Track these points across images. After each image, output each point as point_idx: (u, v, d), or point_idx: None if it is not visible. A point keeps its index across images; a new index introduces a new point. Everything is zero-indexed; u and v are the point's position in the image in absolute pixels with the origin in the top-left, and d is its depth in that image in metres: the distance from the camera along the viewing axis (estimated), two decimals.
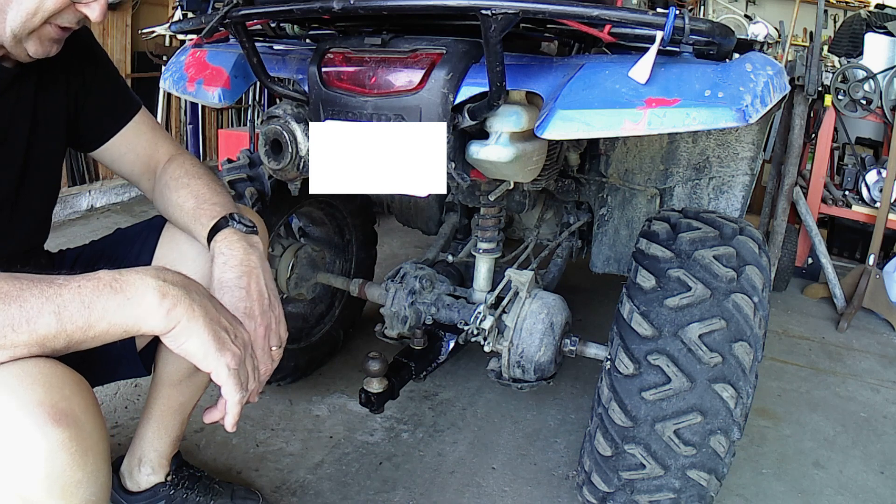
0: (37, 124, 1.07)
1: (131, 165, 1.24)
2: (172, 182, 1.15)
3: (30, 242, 1.15)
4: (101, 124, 1.19)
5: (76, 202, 3.60)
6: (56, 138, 1.13)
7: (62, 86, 1.11)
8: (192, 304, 0.79)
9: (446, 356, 1.61)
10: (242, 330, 0.87)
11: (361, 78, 1.23)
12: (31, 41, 0.94)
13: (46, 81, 1.07)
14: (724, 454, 1.21)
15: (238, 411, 0.83)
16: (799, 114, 2.80)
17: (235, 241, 1.02)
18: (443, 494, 1.59)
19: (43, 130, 1.08)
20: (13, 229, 1.08)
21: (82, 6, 0.94)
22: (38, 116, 1.07)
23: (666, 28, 1.00)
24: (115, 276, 0.76)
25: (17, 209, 1.07)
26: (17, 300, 0.69)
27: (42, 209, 1.16)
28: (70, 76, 1.12)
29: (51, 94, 1.09)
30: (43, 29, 0.93)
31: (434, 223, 2.18)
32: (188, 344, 0.79)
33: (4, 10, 0.89)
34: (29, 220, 1.12)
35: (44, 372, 0.70)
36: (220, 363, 0.80)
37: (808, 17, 4.81)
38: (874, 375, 2.41)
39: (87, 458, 0.70)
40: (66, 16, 0.94)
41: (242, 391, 0.83)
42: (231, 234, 1.03)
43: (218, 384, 0.82)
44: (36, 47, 0.95)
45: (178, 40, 3.78)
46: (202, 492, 1.41)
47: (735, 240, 1.30)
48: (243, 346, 0.85)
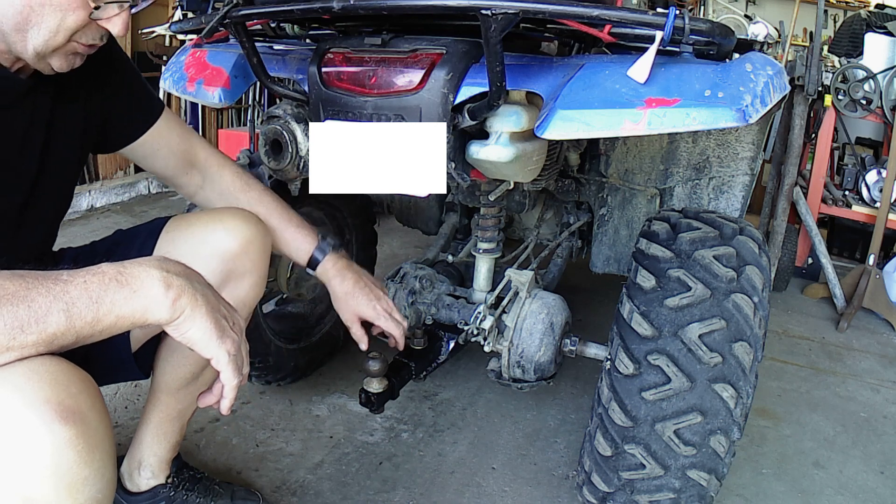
0: (54, 134, 1.06)
1: (165, 160, 1.25)
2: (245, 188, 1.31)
3: (39, 249, 1.15)
4: (128, 126, 1.20)
5: (76, 202, 3.60)
6: (72, 148, 1.12)
7: (81, 94, 1.10)
8: (195, 294, 0.81)
9: (446, 356, 1.61)
10: (238, 317, 0.90)
11: (361, 78, 1.23)
12: (55, 58, 0.93)
13: (64, 91, 1.06)
14: (724, 454, 1.21)
15: (234, 395, 0.87)
16: (799, 114, 2.80)
17: (343, 264, 1.35)
18: (443, 494, 1.59)
19: (60, 140, 1.07)
20: (26, 235, 1.07)
21: (103, 22, 0.93)
22: (56, 126, 1.06)
23: (666, 28, 1.00)
24: (119, 269, 0.77)
25: (29, 218, 1.06)
26: (24, 300, 0.69)
27: (53, 218, 1.16)
28: (90, 84, 1.10)
29: (69, 104, 1.08)
30: (67, 46, 0.93)
31: (434, 223, 2.18)
32: (191, 332, 0.81)
33: (25, 29, 0.89)
34: (40, 228, 1.11)
35: (50, 370, 0.70)
36: (221, 350, 0.83)
37: (808, 17, 4.81)
38: (874, 375, 2.41)
39: (94, 456, 0.71)
40: (88, 33, 0.93)
41: (239, 375, 0.86)
42: (336, 260, 1.34)
43: (217, 370, 0.85)
44: (60, 62, 0.95)
45: (178, 40, 3.78)
46: (202, 493, 1.41)
47: (735, 240, 1.30)
48: (240, 332, 0.88)
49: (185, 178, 1.29)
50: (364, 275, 1.36)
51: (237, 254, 1.19)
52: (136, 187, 4.04)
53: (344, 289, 1.32)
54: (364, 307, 1.33)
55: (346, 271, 1.33)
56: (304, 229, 1.32)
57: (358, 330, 1.36)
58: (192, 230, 1.21)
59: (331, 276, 1.31)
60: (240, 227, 1.20)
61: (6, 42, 0.90)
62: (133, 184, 4.01)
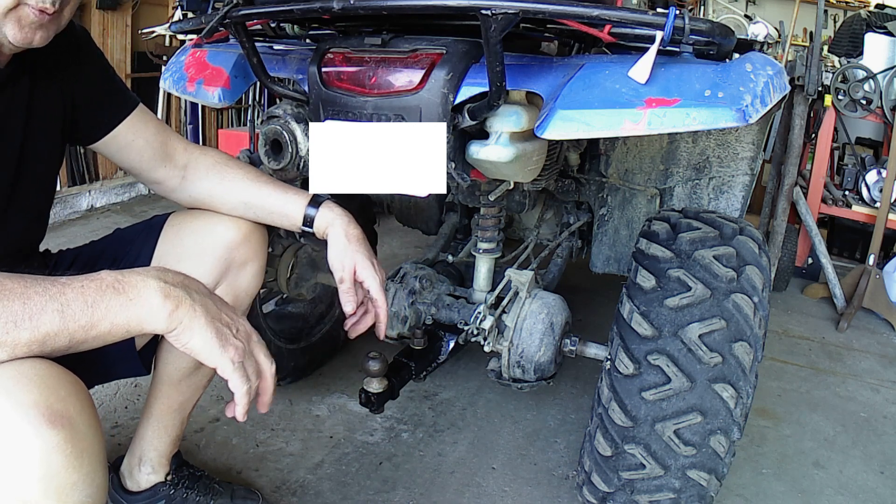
0: (32, 122, 1.06)
1: (140, 153, 1.22)
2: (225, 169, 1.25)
3: (25, 241, 1.15)
4: (100, 118, 1.19)
5: (76, 202, 3.60)
6: (52, 136, 1.12)
7: (56, 84, 1.10)
8: (193, 305, 0.80)
9: (446, 356, 1.61)
10: (243, 322, 0.89)
11: (361, 78, 1.23)
12: (8, 25, 0.91)
13: (41, 80, 1.07)
14: (724, 454, 1.21)
15: (247, 402, 0.85)
16: (799, 114, 2.80)
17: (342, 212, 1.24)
18: (443, 494, 1.59)
19: (39, 127, 1.08)
20: (8, 226, 1.07)
21: None
22: (34, 114, 1.06)
23: (666, 28, 1.00)
24: (118, 276, 0.77)
25: (12, 206, 1.06)
26: (20, 297, 0.69)
27: (37, 207, 1.15)
28: (65, 75, 1.11)
29: (46, 93, 1.08)
30: (20, 10, 0.90)
31: (434, 223, 2.18)
32: (192, 342, 0.81)
33: None
34: (24, 217, 1.11)
35: (39, 373, 0.70)
36: (224, 359, 0.82)
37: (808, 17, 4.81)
38: (874, 375, 2.41)
39: (83, 460, 0.70)
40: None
41: (248, 382, 0.85)
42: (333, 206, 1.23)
43: (224, 378, 0.84)
44: (14, 32, 0.91)
45: (178, 40, 3.78)
46: (202, 491, 1.41)
47: (735, 240, 1.30)
48: (246, 338, 0.87)
49: (162, 171, 1.24)
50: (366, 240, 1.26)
51: (240, 242, 1.23)
52: (136, 187, 4.04)
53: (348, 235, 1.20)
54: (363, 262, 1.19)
55: (350, 223, 1.22)
56: (292, 191, 1.24)
57: (349, 287, 1.21)
58: (196, 224, 1.24)
59: (330, 222, 1.21)
60: (241, 219, 1.25)
61: None
62: (133, 184, 4.01)
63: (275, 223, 1.27)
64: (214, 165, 1.26)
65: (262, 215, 1.25)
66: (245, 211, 1.25)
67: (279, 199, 1.23)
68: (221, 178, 1.25)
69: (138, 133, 1.21)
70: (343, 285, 1.21)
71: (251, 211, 1.24)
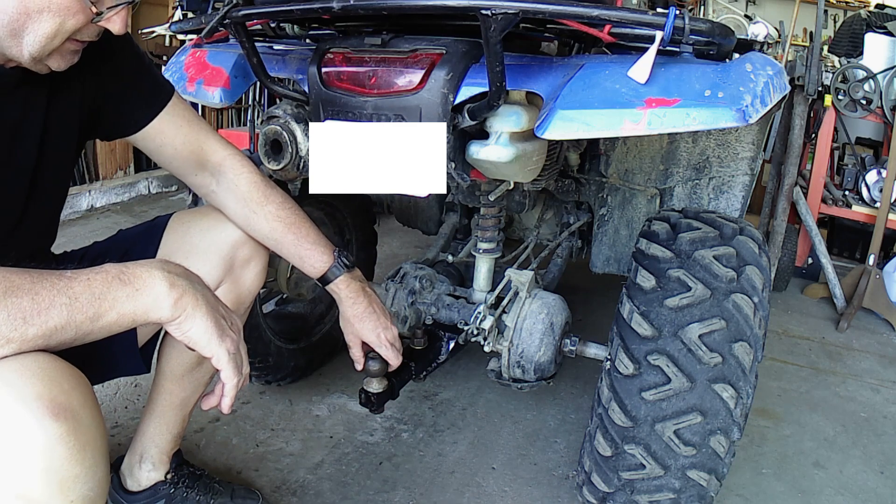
0: (50, 124, 1.04)
1: (170, 159, 1.23)
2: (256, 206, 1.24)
3: (37, 244, 1.14)
4: (127, 115, 1.16)
5: (76, 202, 3.60)
6: (69, 138, 1.10)
7: (77, 83, 1.07)
8: (196, 294, 0.84)
9: (446, 356, 1.61)
10: (236, 318, 0.93)
11: (361, 78, 1.23)
12: (52, 59, 0.91)
13: (59, 80, 1.03)
14: (724, 454, 1.21)
15: (234, 394, 0.89)
16: (799, 114, 2.80)
17: (356, 287, 1.30)
18: (443, 494, 1.59)
19: (56, 130, 1.06)
20: (22, 230, 1.06)
21: (103, 22, 0.91)
22: (52, 115, 1.04)
23: (666, 28, 1.00)
24: (122, 268, 0.79)
25: (28, 209, 1.05)
26: (28, 292, 0.70)
27: (51, 211, 1.15)
28: (86, 72, 1.07)
29: (64, 93, 1.06)
30: (63, 46, 0.91)
31: (434, 223, 2.18)
32: (192, 331, 0.84)
33: (20, 34, 0.86)
34: (38, 221, 1.11)
35: (42, 366, 0.71)
36: (221, 348, 0.86)
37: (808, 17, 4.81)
38: (874, 375, 2.41)
39: (86, 453, 0.71)
40: (86, 31, 0.91)
41: (238, 375, 0.89)
42: (350, 281, 1.29)
43: (218, 369, 0.87)
44: (58, 62, 0.92)
45: (178, 40, 3.78)
46: (202, 491, 1.41)
47: (735, 240, 1.30)
48: (238, 333, 0.91)
49: (194, 178, 1.26)
50: (375, 301, 1.34)
51: (244, 240, 1.26)
52: (136, 187, 4.04)
53: (354, 312, 1.30)
54: (369, 333, 1.32)
55: (359, 295, 1.30)
56: (320, 246, 1.27)
57: (357, 352, 1.35)
58: (203, 223, 1.26)
59: (343, 297, 1.29)
60: None
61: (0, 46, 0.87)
62: (133, 184, 4.01)
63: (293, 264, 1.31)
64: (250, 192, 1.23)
65: (285, 256, 1.28)
66: (271, 245, 1.27)
67: (307, 251, 1.26)
68: (252, 212, 1.23)
69: (165, 140, 1.20)
70: (351, 350, 1.35)
71: (276, 249, 1.27)
